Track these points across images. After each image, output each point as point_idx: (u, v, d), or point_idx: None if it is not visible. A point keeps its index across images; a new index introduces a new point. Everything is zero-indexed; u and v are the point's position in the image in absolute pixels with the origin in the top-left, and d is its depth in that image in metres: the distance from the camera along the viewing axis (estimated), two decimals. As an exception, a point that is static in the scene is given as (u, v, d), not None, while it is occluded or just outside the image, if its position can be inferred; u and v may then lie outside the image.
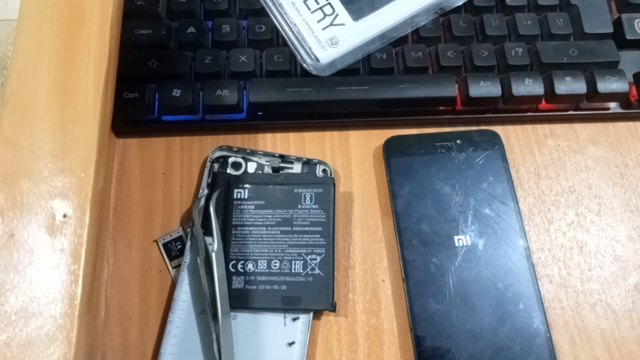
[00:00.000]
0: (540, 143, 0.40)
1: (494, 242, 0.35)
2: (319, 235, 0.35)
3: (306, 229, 0.35)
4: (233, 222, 0.35)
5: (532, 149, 0.40)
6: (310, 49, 0.36)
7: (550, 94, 0.38)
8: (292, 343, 0.33)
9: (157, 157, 0.39)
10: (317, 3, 0.37)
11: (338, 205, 0.37)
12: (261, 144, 0.39)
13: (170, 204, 0.37)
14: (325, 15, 0.37)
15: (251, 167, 0.37)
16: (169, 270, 0.36)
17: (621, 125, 0.40)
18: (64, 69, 0.32)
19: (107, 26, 0.33)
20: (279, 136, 0.39)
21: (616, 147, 0.40)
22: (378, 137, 0.39)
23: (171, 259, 0.36)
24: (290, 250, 0.35)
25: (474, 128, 0.39)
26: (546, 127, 0.40)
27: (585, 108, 0.40)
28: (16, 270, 0.29)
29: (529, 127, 0.40)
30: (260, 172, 0.37)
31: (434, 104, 0.39)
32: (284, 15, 0.37)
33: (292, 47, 0.37)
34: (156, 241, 0.36)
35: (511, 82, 0.38)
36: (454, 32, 0.40)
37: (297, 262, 0.34)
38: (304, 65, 0.36)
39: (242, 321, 0.34)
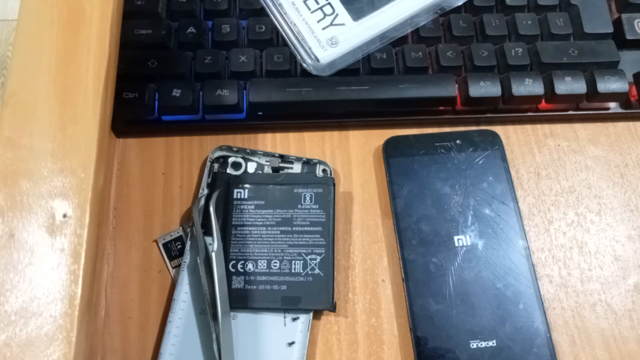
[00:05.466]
0: (540, 143, 0.40)
1: (493, 242, 0.35)
2: (318, 235, 0.35)
3: (306, 229, 0.35)
4: (233, 222, 0.35)
5: (532, 149, 0.40)
6: (310, 49, 0.36)
7: (550, 94, 0.38)
8: (292, 343, 0.33)
9: (157, 157, 0.39)
10: (317, 3, 0.37)
11: (338, 205, 0.37)
12: (261, 144, 0.39)
13: (170, 204, 0.37)
14: (325, 15, 0.37)
15: (251, 167, 0.37)
16: (169, 270, 0.36)
17: (621, 125, 0.40)
18: (64, 69, 0.32)
19: (107, 26, 0.33)
20: (279, 136, 0.39)
21: (616, 147, 0.40)
22: (378, 137, 0.39)
23: (171, 259, 0.36)
24: (290, 250, 0.35)
25: (474, 128, 0.39)
26: (546, 127, 0.40)
27: (585, 108, 0.40)
28: (16, 270, 0.29)
29: (529, 127, 0.40)
30: (260, 172, 0.37)
31: (434, 104, 0.39)
32: (284, 15, 0.37)
33: (292, 47, 0.37)
34: (156, 241, 0.36)
35: (511, 82, 0.38)
36: (454, 32, 0.40)
37: (297, 262, 0.34)
38: (304, 65, 0.36)
39: (242, 321, 0.34)
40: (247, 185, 0.36)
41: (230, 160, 0.37)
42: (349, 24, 0.37)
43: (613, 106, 0.40)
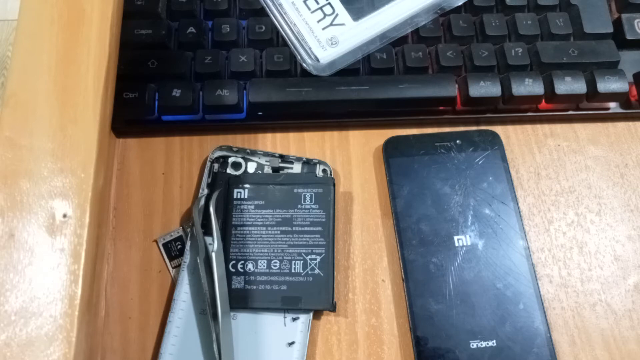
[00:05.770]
0: (540, 143, 0.40)
1: (493, 242, 0.35)
2: (318, 235, 0.35)
3: (306, 229, 0.35)
4: (233, 222, 0.35)
5: (532, 149, 0.40)
6: (310, 49, 0.36)
7: (550, 94, 0.38)
8: (292, 343, 0.33)
9: (157, 157, 0.39)
10: (317, 3, 0.37)
11: (338, 205, 0.37)
12: (261, 144, 0.39)
13: (170, 204, 0.37)
14: (325, 15, 0.37)
15: (251, 167, 0.37)
16: (169, 270, 0.36)
17: (621, 125, 0.41)
18: (64, 69, 0.32)
19: (107, 26, 0.33)
20: (279, 136, 0.39)
21: (616, 147, 0.40)
22: (378, 137, 0.39)
23: (171, 259, 0.36)
24: (290, 250, 0.35)
25: (474, 128, 0.39)
26: (546, 127, 0.40)
27: (585, 108, 0.40)
28: (16, 270, 0.29)
29: (529, 127, 0.40)
30: (260, 172, 0.37)
31: (434, 104, 0.39)
32: (284, 15, 0.37)
33: (292, 47, 0.37)
34: (156, 241, 0.36)
35: (511, 82, 0.38)
36: (454, 32, 0.40)
37: (297, 262, 0.34)
38: (304, 65, 0.36)
39: (242, 321, 0.34)
40: (247, 185, 0.36)
41: (230, 160, 0.37)
42: (349, 24, 0.37)
43: (613, 106, 0.40)
